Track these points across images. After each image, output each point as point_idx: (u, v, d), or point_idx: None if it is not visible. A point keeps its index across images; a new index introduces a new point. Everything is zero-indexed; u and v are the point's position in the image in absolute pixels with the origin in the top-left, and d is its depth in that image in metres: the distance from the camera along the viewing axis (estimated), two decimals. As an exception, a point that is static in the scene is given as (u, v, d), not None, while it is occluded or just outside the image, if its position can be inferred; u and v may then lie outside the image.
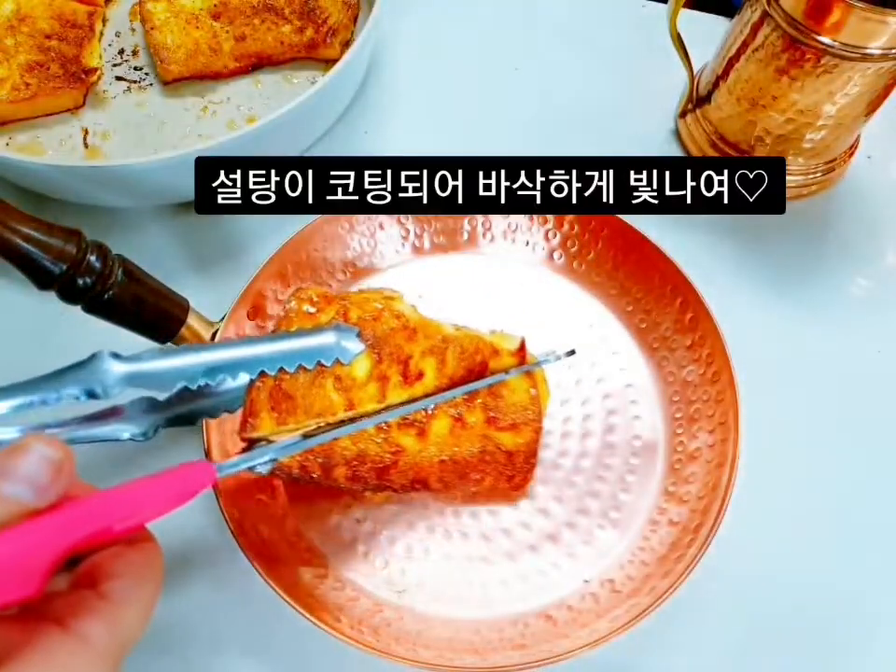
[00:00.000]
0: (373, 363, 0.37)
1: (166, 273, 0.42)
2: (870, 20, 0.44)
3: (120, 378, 0.32)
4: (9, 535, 0.23)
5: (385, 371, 0.37)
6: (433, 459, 0.38)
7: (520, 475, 0.40)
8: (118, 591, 0.25)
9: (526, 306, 0.49)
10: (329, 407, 0.36)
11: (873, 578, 0.44)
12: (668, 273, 0.47)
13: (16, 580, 0.23)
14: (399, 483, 0.39)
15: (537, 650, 0.38)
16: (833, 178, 0.58)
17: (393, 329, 0.39)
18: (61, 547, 0.24)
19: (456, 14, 0.67)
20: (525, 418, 0.39)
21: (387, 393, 0.37)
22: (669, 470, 0.44)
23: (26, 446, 0.25)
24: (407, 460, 0.38)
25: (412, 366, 0.38)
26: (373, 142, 0.60)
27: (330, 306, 0.39)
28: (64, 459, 0.25)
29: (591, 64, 0.64)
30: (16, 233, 0.35)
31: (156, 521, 0.27)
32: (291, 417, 0.35)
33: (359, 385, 0.37)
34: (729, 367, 0.44)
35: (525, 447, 0.40)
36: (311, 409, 0.35)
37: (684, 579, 0.38)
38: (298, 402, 0.35)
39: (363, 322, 0.38)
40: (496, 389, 0.40)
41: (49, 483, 0.24)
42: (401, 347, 0.38)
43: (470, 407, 0.39)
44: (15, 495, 0.24)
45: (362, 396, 0.37)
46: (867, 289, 0.55)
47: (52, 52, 0.56)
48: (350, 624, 0.38)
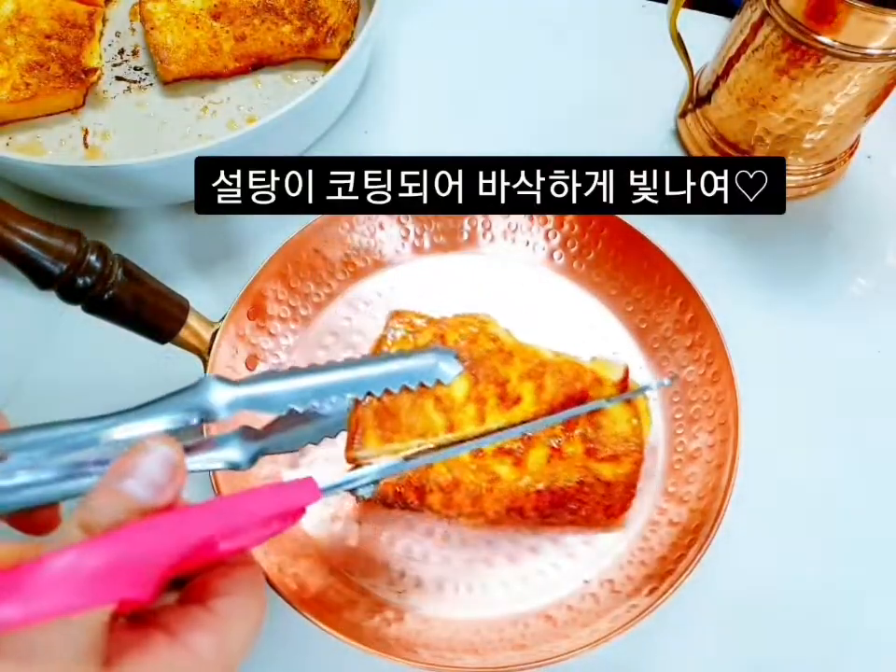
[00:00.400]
0: (471, 384, 0.38)
1: (166, 273, 0.42)
2: (870, 20, 0.44)
3: (230, 402, 0.32)
4: (132, 531, 0.23)
5: (482, 393, 0.38)
6: (529, 489, 0.39)
7: (617, 505, 0.40)
8: (225, 607, 0.25)
9: (526, 306, 0.49)
10: (430, 427, 0.36)
11: (872, 576, 0.44)
12: (668, 274, 0.47)
13: (136, 578, 0.23)
14: (493, 510, 0.39)
15: (537, 650, 0.38)
16: (833, 178, 0.58)
17: (489, 352, 0.39)
18: (177, 550, 0.24)
19: (456, 14, 0.67)
20: (625, 449, 0.40)
21: (486, 415, 0.38)
22: (669, 471, 0.44)
23: (148, 446, 0.25)
24: (503, 488, 0.39)
25: (509, 389, 0.39)
26: (373, 142, 0.60)
27: (427, 329, 0.40)
28: (180, 462, 0.26)
29: (591, 64, 0.64)
30: (16, 233, 0.35)
31: (260, 543, 0.27)
32: (396, 435, 0.36)
33: (458, 406, 0.38)
34: (729, 367, 0.44)
35: (624, 478, 0.40)
36: (413, 428, 0.36)
37: (684, 579, 0.38)
38: (402, 421, 0.36)
39: (460, 345, 0.39)
40: (596, 419, 0.40)
41: (167, 482, 0.25)
42: (497, 370, 0.39)
43: (570, 437, 0.39)
44: (136, 493, 0.24)
45: (462, 417, 0.37)
46: (867, 289, 0.55)
47: (52, 52, 0.56)
48: (350, 624, 0.38)
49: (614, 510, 0.41)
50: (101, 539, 0.22)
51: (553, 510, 0.40)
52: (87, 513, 0.24)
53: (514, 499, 0.40)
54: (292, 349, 0.48)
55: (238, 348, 0.45)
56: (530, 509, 0.40)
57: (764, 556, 0.44)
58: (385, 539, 0.42)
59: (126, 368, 0.48)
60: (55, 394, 0.48)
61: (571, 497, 0.40)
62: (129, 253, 0.40)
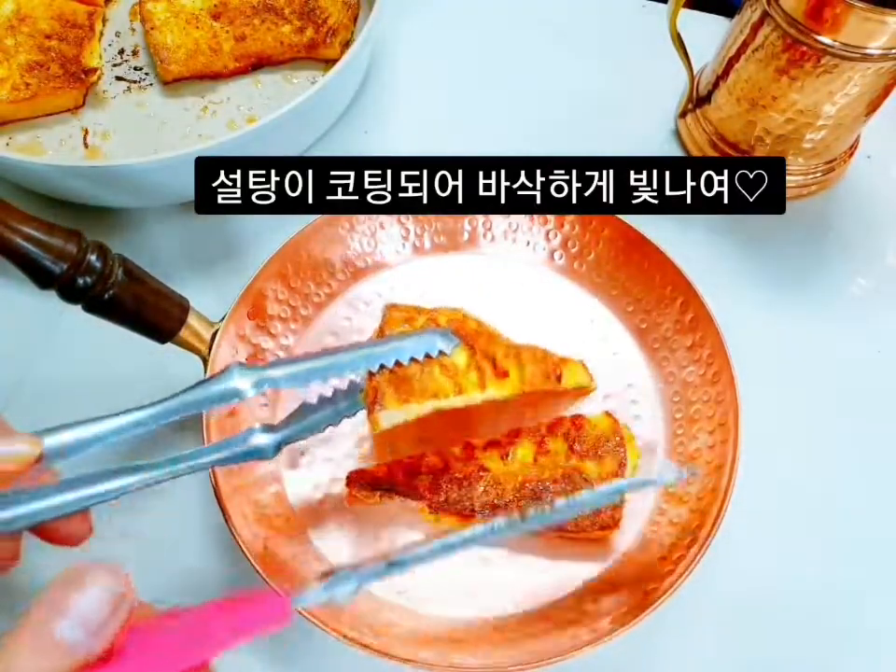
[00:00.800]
0: (470, 355, 0.42)
1: (166, 273, 0.42)
2: (870, 20, 0.44)
3: (255, 382, 0.33)
4: None
5: (479, 363, 0.42)
6: (516, 480, 0.41)
7: (605, 511, 0.40)
8: None
9: (527, 306, 0.49)
10: (441, 388, 0.40)
11: (873, 577, 0.44)
12: (669, 274, 0.47)
13: None
14: (480, 501, 0.40)
15: (536, 650, 0.37)
16: (833, 178, 0.58)
17: (477, 332, 0.43)
18: None
19: (456, 14, 0.67)
20: (607, 447, 0.42)
21: (486, 382, 0.41)
22: (669, 471, 0.44)
23: (83, 580, 0.22)
24: (489, 479, 0.41)
25: (498, 363, 0.42)
26: (373, 142, 0.60)
27: (420, 317, 0.43)
28: (126, 592, 0.22)
29: (591, 64, 0.64)
30: (16, 233, 0.35)
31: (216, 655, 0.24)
32: (412, 397, 0.39)
33: (462, 372, 0.41)
34: (729, 368, 0.44)
35: (609, 478, 0.41)
36: (426, 390, 0.40)
37: (684, 579, 0.38)
38: (415, 385, 0.39)
39: (452, 325, 0.43)
40: (579, 422, 0.43)
41: (105, 621, 0.22)
42: (487, 347, 0.43)
43: (554, 436, 0.42)
44: (67, 637, 0.21)
45: (466, 381, 0.41)
46: (867, 289, 0.55)
47: (52, 52, 0.56)
48: (350, 625, 0.38)
49: (603, 518, 0.40)
50: None
51: None
52: (4, 664, 0.20)
53: (501, 492, 0.40)
54: (292, 349, 0.48)
55: (238, 348, 0.45)
56: (518, 508, 0.40)
57: (764, 556, 0.44)
58: (384, 540, 0.42)
59: (126, 368, 0.48)
60: (55, 394, 0.48)
61: (558, 495, 0.40)
62: (129, 253, 0.40)
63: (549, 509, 0.30)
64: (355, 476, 0.42)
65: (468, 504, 0.40)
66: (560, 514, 0.31)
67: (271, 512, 0.42)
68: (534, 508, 0.29)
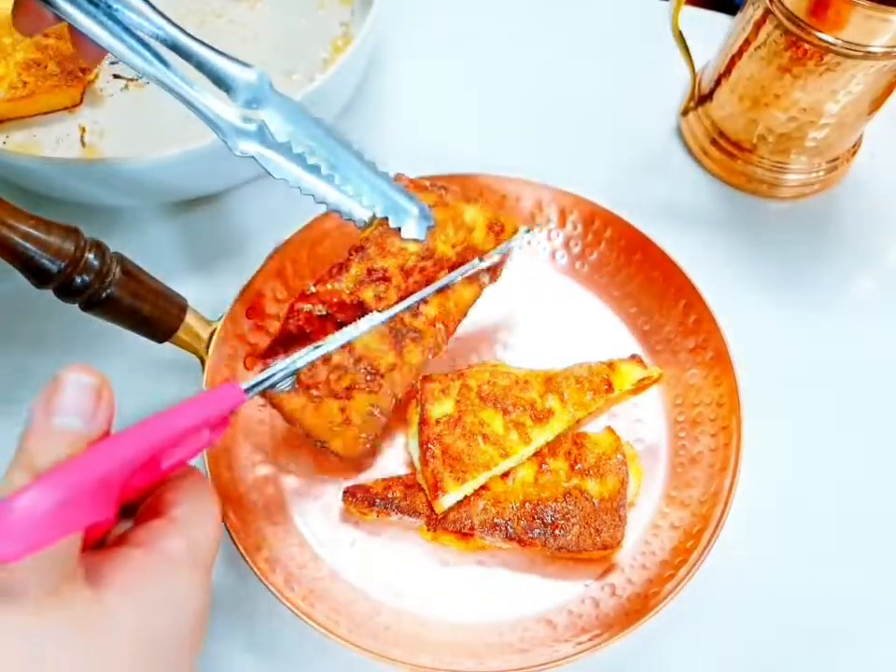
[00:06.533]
0: (503, 418, 0.42)
1: (165, 272, 0.42)
2: (873, 18, 0.43)
3: None
4: (79, 460, 0.24)
5: (517, 419, 0.42)
6: (516, 498, 0.41)
7: (607, 531, 0.40)
8: (183, 513, 0.28)
9: (528, 307, 0.49)
10: (491, 458, 0.41)
11: (873, 578, 0.44)
12: (672, 276, 0.47)
13: (95, 502, 0.24)
14: (479, 519, 0.40)
15: (537, 654, 0.37)
16: (836, 177, 0.57)
17: (508, 386, 0.43)
18: (125, 468, 0.25)
19: (456, 14, 0.67)
20: (609, 466, 0.41)
21: (529, 434, 0.42)
22: (671, 474, 0.44)
23: (61, 379, 0.26)
24: (489, 496, 0.40)
25: (538, 408, 0.43)
26: (373, 142, 0.59)
27: (454, 382, 0.43)
28: (102, 385, 0.26)
29: (592, 63, 0.64)
30: (14, 231, 0.35)
31: (196, 455, 0.29)
32: (467, 474, 0.40)
33: (502, 437, 0.41)
34: (731, 371, 0.43)
35: (610, 497, 0.40)
36: (478, 464, 0.40)
37: (686, 583, 0.37)
38: (466, 462, 0.40)
39: (481, 390, 0.43)
40: (580, 440, 0.42)
41: (94, 408, 0.26)
42: (521, 397, 0.43)
43: (555, 455, 0.42)
44: (67, 426, 0.25)
45: (510, 444, 0.41)
46: (871, 289, 0.54)
47: (50, 50, 0.56)
48: (349, 628, 0.37)
49: (605, 536, 0.40)
50: (52, 475, 0.23)
51: (542, 527, 0.40)
52: (27, 457, 0.24)
53: (501, 511, 0.40)
54: (291, 349, 0.48)
55: (236, 347, 0.45)
56: (519, 528, 0.40)
57: (766, 560, 0.44)
58: (383, 543, 0.42)
59: (123, 366, 0.47)
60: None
61: (559, 514, 0.40)
62: (127, 251, 0.40)
63: None
64: (352, 491, 0.41)
65: (467, 522, 0.40)
66: None
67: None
68: None
